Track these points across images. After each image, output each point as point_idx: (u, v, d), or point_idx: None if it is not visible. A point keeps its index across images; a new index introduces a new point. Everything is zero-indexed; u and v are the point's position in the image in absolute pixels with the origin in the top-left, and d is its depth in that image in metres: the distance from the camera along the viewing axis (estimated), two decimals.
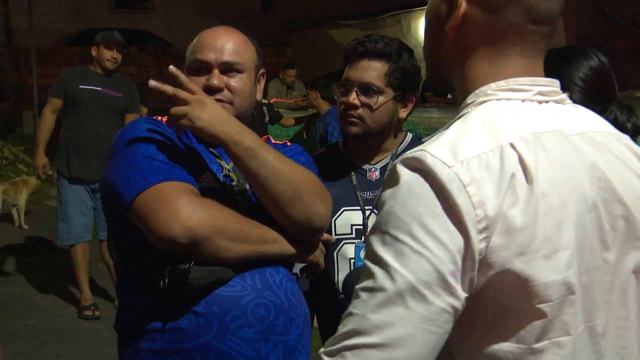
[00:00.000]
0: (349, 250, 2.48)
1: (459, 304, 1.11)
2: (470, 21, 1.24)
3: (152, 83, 1.88)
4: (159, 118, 2.07)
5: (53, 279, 7.00)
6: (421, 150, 1.13)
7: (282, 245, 1.95)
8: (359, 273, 1.18)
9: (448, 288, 1.09)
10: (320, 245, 2.10)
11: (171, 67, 1.91)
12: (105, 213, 2.07)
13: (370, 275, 1.12)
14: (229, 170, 2.04)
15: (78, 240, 6.09)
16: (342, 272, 2.48)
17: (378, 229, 1.15)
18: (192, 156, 2.01)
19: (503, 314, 1.14)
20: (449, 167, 1.10)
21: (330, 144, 7.18)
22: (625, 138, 1.33)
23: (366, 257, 1.16)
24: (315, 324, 2.54)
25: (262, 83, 2.18)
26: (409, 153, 1.15)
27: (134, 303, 1.97)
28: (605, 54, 2.23)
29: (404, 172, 1.14)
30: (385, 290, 1.10)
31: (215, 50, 2.03)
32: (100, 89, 6.12)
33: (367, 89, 2.44)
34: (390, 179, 1.16)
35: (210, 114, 1.85)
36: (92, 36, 6.40)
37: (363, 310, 1.11)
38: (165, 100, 1.99)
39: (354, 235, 2.48)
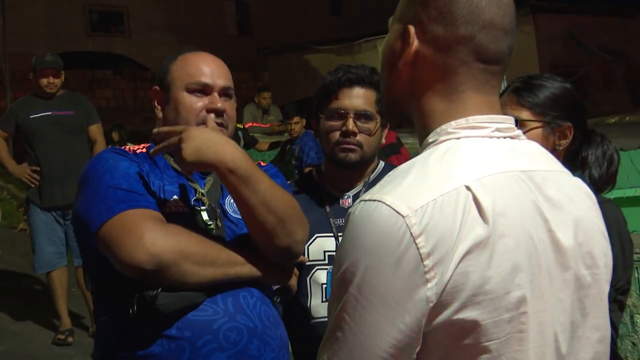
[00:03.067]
0: (322, 276, 2.49)
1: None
2: (422, 59, 1.27)
3: (151, 152, 1.96)
4: (126, 147, 2.10)
5: (25, 304, 6.92)
6: (377, 200, 1.15)
7: (251, 268, 1.95)
8: None
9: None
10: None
11: (155, 130, 1.97)
12: (78, 244, 2.08)
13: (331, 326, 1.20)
14: (202, 194, 2.05)
15: (52, 267, 6.05)
16: (314, 298, 2.49)
17: (338, 274, 1.18)
18: (163, 181, 2.02)
19: (451, 352, 1.15)
20: (403, 217, 1.12)
21: (305, 164, 7.21)
22: (573, 176, 1.36)
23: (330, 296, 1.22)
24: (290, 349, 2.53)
25: None
26: (366, 199, 1.17)
27: (108, 331, 1.97)
28: (578, 81, 2.28)
29: (357, 221, 1.16)
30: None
31: (215, 74, 2.08)
32: (50, 113, 6.04)
33: (364, 116, 2.49)
34: (347, 224, 1.19)
35: (197, 147, 1.85)
36: (68, 60, 6.36)
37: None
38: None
39: (326, 262, 2.49)
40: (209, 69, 2.08)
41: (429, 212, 1.12)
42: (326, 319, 2.49)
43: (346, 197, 2.57)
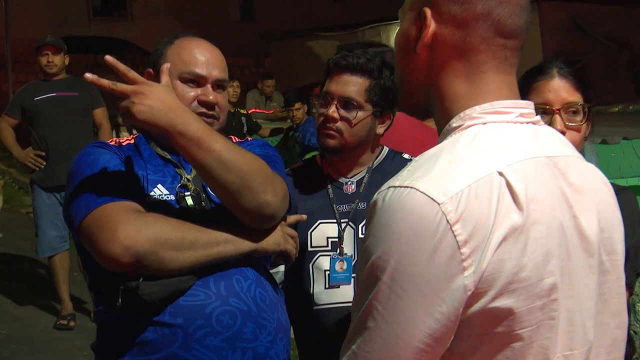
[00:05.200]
0: (324, 262, 2.49)
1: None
2: (441, 40, 1.25)
3: (89, 76, 1.76)
4: (111, 140, 2.11)
5: (26, 288, 6.93)
6: (409, 186, 1.13)
7: (236, 245, 1.92)
8: None
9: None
10: (290, 230, 2.08)
11: (107, 56, 1.82)
12: (73, 237, 2.09)
13: (361, 314, 1.16)
14: (187, 179, 2.05)
15: (54, 251, 6.08)
16: (317, 285, 2.49)
17: (369, 263, 1.16)
18: (146, 171, 2.02)
19: (483, 340, 1.15)
20: (438, 204, 1.10)
21: (306, 150, 7.21)
22: (588, 163, 1.36)
23: (358, 284, 1.19)
24: (292, 335, 2.53)
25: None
26: (396, 185, 1.15)
27: (105, 320, 2.00)
28: (581, 69, 2.29)
29: (388, 208, 1.14)
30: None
31: (210, 65, 2.06)
32: (54, 94, 6.11)
33: (347, 103, 2.47)
34: (375, 212, 1.16)
35: (150, 106, 1.79)
36: (70, 44, 6.38)
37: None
38: None
39: (329, 248, 2.49)
40: (204, 58, 2.06)
41: (465, 199, 1.11)
42: (328, 306, 2.52)
43: (349, 183, 2.56)
